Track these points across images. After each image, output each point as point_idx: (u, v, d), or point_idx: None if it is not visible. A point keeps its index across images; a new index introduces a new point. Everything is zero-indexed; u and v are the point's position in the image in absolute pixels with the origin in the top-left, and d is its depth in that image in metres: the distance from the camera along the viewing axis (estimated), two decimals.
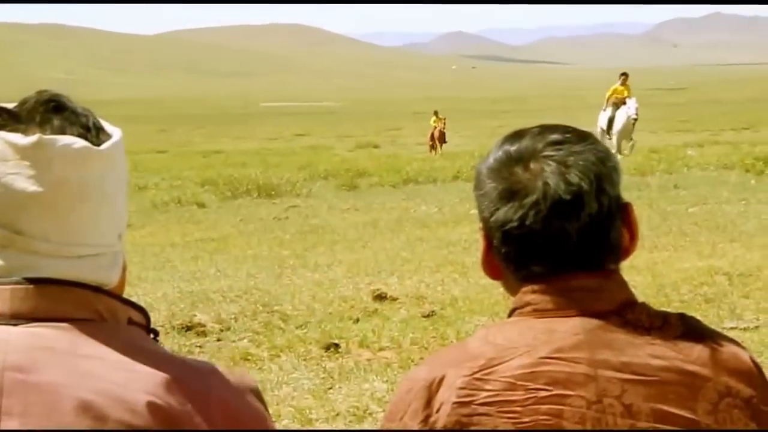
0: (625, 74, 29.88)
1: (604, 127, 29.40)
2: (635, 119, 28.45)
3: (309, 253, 12.77)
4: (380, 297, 9.50)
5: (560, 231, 1.75)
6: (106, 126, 1.66)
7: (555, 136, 1.81)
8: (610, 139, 29.53)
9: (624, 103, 28.82)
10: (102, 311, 1.59)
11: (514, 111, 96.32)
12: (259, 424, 1.66)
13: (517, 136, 1.86)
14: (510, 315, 1.84)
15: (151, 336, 1.68)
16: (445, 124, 40.48)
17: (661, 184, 19.49)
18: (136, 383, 1.50)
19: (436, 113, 41.32)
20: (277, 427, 4.18)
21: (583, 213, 1.75)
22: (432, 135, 40.32)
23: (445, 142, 39.60)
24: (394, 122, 78.19)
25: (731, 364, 1.77)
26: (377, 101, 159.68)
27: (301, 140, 55.81)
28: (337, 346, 7.83)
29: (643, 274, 9.91)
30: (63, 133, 1.57)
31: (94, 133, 1.61)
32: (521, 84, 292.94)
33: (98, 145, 1.59)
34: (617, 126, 28.71)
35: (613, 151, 28.97)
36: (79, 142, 1.55)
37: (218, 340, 8.30)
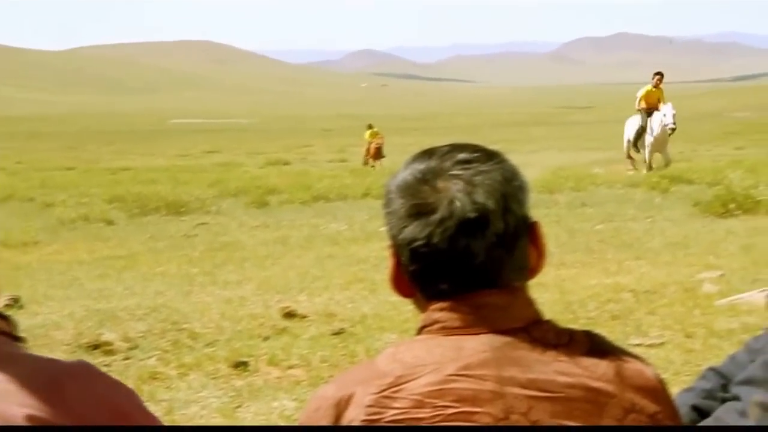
0: (659, 74, 26.49)
1: (632, 139, 26.55)
2: (673, 129, 25.19)
3: (218, 271, 12.68)
4: (290, 314, 9.44)
5: (466, 249, 1.76)
6: None
7: (463, 155, 1.82)
8: (639, 152, 26.69)
9: (657, 109, 25.67)
10: None
11: (424, 128, 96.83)
12: (142, 415, 1.64)
13: (426, 154, 1.87)
14: (418, 333, 1.84)
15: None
16: (382, 138, 40.59)
17: (569, 201, 19.64)
18: (11, 397, 1.48)
19: (370, 126, 41.38)
20: None
21: (488, 231, 1.76)
22: (368, 149, 40.36)
23: (383, 156, 39.62)
24: (305, 139, 78.23)
25: (636, 380, 1.79)
26: (287, 118, 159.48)
27: (211, 157, 55.48)
28: (245, 364, 7.77)
29: (551, 291, 9.96)
30: None
31: None
32: (431, 102, 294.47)
33: None
34: (650, 137, 25.79)
35: (644, 168, 25.46)
36: None
37: (126, 358, 8.18)
